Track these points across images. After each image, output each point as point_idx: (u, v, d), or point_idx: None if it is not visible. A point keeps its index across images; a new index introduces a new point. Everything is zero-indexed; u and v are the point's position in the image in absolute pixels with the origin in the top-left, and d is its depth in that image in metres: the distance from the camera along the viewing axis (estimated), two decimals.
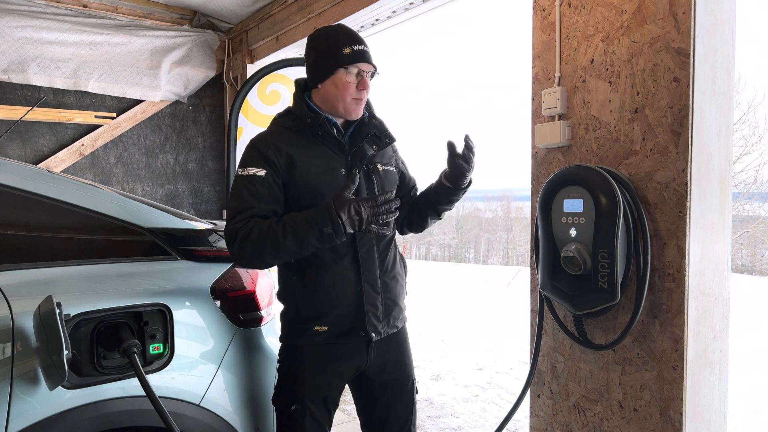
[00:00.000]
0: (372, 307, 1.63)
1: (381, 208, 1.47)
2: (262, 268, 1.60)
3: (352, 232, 1.48)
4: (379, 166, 1.72)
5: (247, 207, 1.53)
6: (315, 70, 1.66)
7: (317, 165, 1.61)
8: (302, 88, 1.71)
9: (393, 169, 1.79)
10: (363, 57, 1.62)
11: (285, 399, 1.65)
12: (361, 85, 1.62)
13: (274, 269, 1.77)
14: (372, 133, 1.70)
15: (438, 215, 1.86)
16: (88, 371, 1.43)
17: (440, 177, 1.79)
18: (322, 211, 1.48)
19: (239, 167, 1.60)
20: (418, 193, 1.95)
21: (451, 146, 1.69)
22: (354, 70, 1.60)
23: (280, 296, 1.69)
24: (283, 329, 1.69)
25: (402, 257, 1.79)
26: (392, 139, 1.75)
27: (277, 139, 1.62)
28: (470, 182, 1.81)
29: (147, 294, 1.55)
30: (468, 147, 1.67)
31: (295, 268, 1.62)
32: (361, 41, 1.64)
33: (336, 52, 1.61)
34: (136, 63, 4.02)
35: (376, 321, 1.64)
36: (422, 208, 1.87)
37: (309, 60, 1.68)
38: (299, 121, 1.65)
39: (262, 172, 1.56)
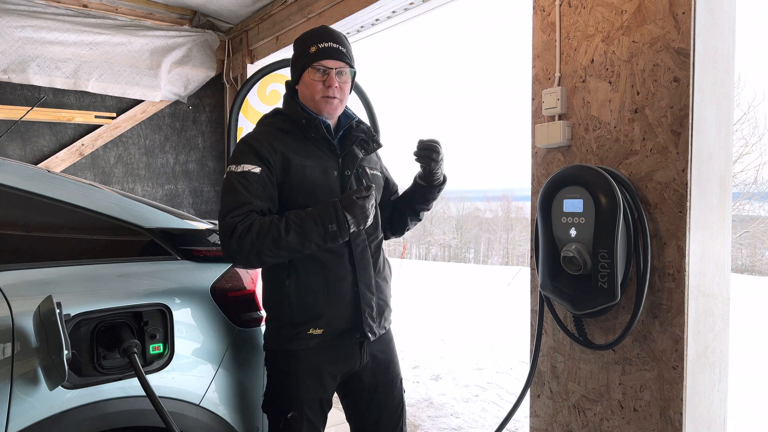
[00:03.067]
0: (368, 307, 1.64)
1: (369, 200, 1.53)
2: (256, 266, 1.57)
3: (354, 230, 1.51)
4: (368, 170, 1.74)
5: (244, 202, 1.51)
6: (292, 72, 1.69)
7: (311, 166, 1.61)
8: (292, 89, 1.71)
9: (379, 173, 1.82)
10: (326, 54, 1.59)
11: (280, 406, 1.62)
12: (327, 82, 1.60)
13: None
14: (360, 138, 1.71)
15: (417, 215, 1.91)
16: (88, 371, 1.43)
17: (415, 178, 1.85)
18: (327, 209, 1.49)
19: (231, 164, 1.57)
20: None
21: (418, 142, 1.75)
22: (319, 67, 1.60)
23: (269, 302, 1.65)
24: (272, 335, 1.65)
25: (387, 260, 1.80)
26: (379, 145, 1.78)
27: (271, 138, 1.61)
28: (444, 180, 1.85)
29: (147, 294, 1.55)
30: (421, 149, 1.72)
31: (288, 271, 1.59)
32: (331, 39, 1.62)
33: (304, 52, 1.63)
34: (136, 63, 4.01)
35: (371, 321, 1.65)
36: (402, 210, 1.91)
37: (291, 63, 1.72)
38: (291, 122, 1.65)
39: (257, 169, 1.54)
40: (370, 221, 1.54)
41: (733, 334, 1.98)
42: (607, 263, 1.62)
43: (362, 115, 3.48)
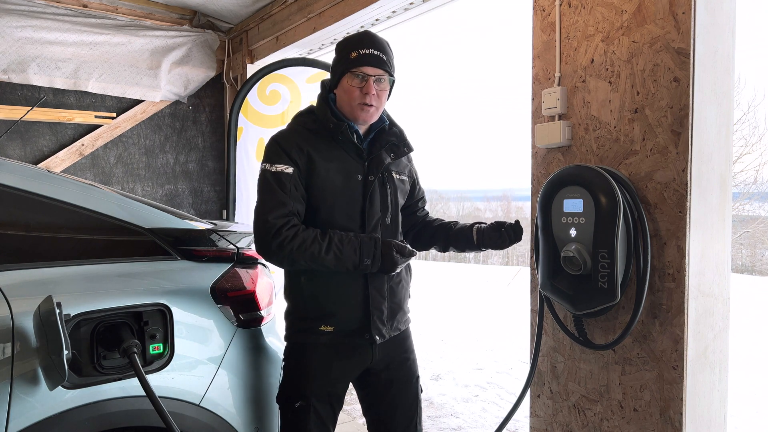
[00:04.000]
0: (377, 311, 1.65)
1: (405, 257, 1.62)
2: (285, 268, 1.66)
3: (378, 270, 1.60)
4: (394, 175, 1.74)
5: (281, 202, 1.56)
6: (331, 76, 1.70)
7: (335, 168, 1.63)
8: (327, 90, 1.71)
9: (406, 178, 1.82)
10: (366, 60, 1.58)
11: (289, 396, 1.66)
12: (365, 89, 1.59)
13: (274, 268, 1.78)
14: (391, 142, 1.71)
15: (443, 251, 1.93)
16: (88, 371, 1.43)
17: (473, 228, 1.83)
18: (368, 243, 1.57)
19: (265, 162, 1.63)
20: (426, 206, 1.99)
21: (516, 223, 1.79)
22: (358, 74, 1.59)
23: (287, 296, 1.71)
24: (289, 327, 1.70)
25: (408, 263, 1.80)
26: (410, 149, 1.78)
27: (299, 138, 1.64)
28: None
29: (147, 294, 1.55)
30: (518, 233, 1.79)
31: (304, 269, 1.63)
32: (372, 46, 1.60)
33: (344, 57, 1.62)
34: (136, 63, 4.01)
35: (380, 325, 1.66)
36: (434, 237, 1.91)
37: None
38: (320, 124, 1.66)
39: (289, 169, 1.59)
40: (391, 273, 1.64)
41: (733, 334, 1.98)
42: (607, 263, 1.62)
43: None
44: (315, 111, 1.70)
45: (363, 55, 1.59)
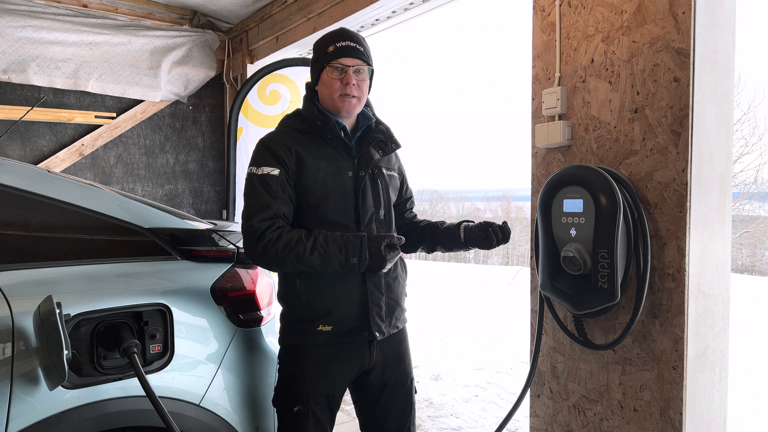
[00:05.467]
0: (376, 306, 1.65)
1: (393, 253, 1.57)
2: (274, 271, 1.65)
3: (369, 269, 1.56)
4: (384, 171, 1.75)
5: (266, 205, 1.56)
6: (311, 73, 1.72)
7: (325, 166, 1.63)
8: (311, 91, 1.73)
9: (396, 174, 1.83)
10: (344, 52, 1.61)
11: (287, 400, 1.65)
12: (345, 80, 1.61)
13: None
14: (378, 139, 1.72)
15: (430, 251, 1.90)
16: (88, 371, 1.43)
17: (460, 227, 1.80)
18: (354, 241, 1.55)
19: (252, 165, 1.63)
20: (414, 208, 1.98)
21: (504, 224, 1.74)
22: (337, 66, 1.62)
23: (282, 297, 1.70)
24: (284, 330, 1.69)
25: (402, 260, 1.80)
26: (398, 146, 1.78)
27: (287, 138, 1.64)
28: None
29: (147, 294, 1.55)
30: (506, 235, 1.72)
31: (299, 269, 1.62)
32: (348, 38, 1.64)
33: (322, 52, 1.65)
34: (136, 63, 4.01)
35: (379, 320, 1.65)
36: (420, 238, 1.89)
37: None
38: (308, 123, 1.67)
39: (276, 171, 1.59)
40: (383, 271, 1.59)
41: (733, 334, 1.98)
42: (607, 263, 1.62)
43: None
44: (302, 112, 1.71)
45: (340, 48, 1.62)
